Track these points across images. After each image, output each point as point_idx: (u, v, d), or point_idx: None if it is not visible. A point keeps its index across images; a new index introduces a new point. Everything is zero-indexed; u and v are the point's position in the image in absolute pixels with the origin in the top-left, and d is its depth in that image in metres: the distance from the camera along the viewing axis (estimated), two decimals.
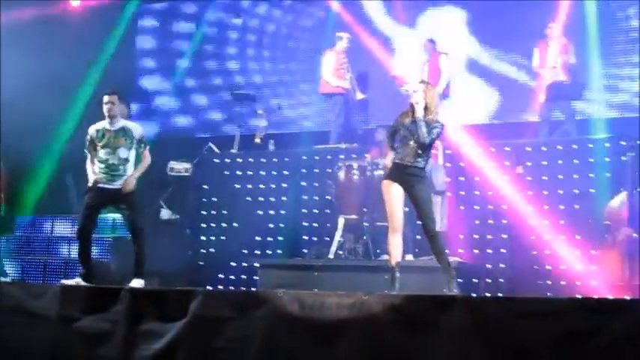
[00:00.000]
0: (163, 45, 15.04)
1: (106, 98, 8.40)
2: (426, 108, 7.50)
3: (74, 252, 9.56)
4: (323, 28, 13.37)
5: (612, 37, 11.91)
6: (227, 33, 14.68)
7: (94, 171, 8.40)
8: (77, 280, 8.26)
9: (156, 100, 14.91)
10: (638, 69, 11.43)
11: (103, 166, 8.35)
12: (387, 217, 7.66)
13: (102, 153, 8.34)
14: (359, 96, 12.27)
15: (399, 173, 7.55)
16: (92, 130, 8.48)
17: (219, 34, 14.73)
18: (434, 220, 7.65)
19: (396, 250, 7.56)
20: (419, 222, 7.80)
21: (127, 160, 8.36)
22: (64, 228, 11.54)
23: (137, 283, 8.04)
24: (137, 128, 8.47)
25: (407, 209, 7.84)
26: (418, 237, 9.99)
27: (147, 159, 8.52)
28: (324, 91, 12.23)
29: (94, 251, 10.81)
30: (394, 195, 7.55)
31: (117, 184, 8.30)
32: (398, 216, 7.54)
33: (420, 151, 7.48)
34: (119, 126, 8.39)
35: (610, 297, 8.07)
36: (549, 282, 9.66)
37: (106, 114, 8.38)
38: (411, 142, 7.49)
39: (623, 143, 9.61)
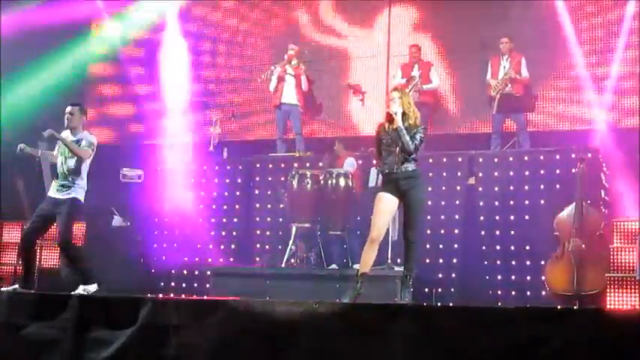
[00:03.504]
0: (118, 53, 14.98)
1: (67, 109, 8.38)
2: (403, 114, 7.49)
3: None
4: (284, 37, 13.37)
5: (564, 50, 12.06)
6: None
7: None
8: (15, 287, 8.17)
9: (110, 106, 14.81)
10: (590, 82, 11.61)
11: (55, 175, 8.32)
12: (339, 226, 7.70)
13: (58, 161, 8.33)
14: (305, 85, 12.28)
15: (391, 182, 7.52)
16: (62, 134, 8.42)
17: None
18: (415, 229, 7.59)
19: (367, 259, 7.48)
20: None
21: (75, 172, 8.27)
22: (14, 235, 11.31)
23: (82, 289, 7.98)
24: (88, 138, 8.36)
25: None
26: None
27: (83, 151, 8.23)
28: (273, 104, 12.31)
29: (44, 258, 10.72)
30: (384, 206, 7.51)
31: (59, 195, 8.23)
32: (380, 227, 7.49)
33: (407, 156, 7.47)
34: (77, 137, 8.33)
35: (559, 307, 8.17)
36: (500, 292, 9.74)
37: (65, 125, 8.36)
38: (397, 150, 7.46)
39: (574, 156, 9.74)
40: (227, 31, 14.24)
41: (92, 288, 8.10)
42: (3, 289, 8.35)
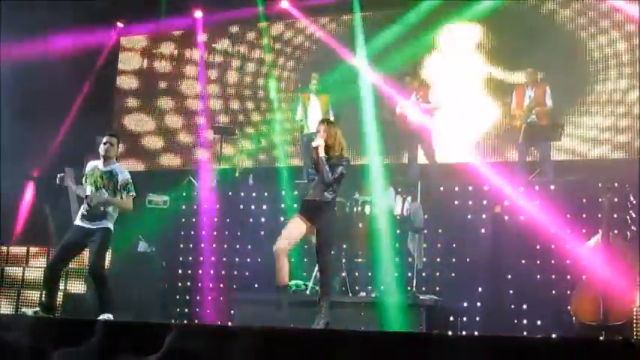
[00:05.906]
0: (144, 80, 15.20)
1: (105, 138, 8.40)
2: (328, 146, 7.85)
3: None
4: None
5: (591, 83, 12.11)
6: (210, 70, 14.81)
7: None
8: (36, 310, 8.22)
9: (138, 135, 14.97)
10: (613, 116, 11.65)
11: (85, 204, 8.33)
12: (364, 254, 7.78)
13: (88, 191, 8.35)
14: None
15: (305, 208, 7.95)
16: (88, 165, 8.52)
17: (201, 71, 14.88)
18: (323, 255, 7.93)
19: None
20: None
21: (108, 203, 8.32)
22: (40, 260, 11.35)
23: (105, 316, 8.01)
24: (124, 175, 8.40)
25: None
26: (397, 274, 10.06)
27: (128, 204, 8.40)
28: (299, 132, 12.40)
29: (70, 283, 10.77)
30: (294, 226, 7.95)
31: (90, 225, 8.26)
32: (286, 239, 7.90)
33: (326, 187, 7.83)
34: (109, 168, 8.38)
35: (585, 337, 8.09)
36: (525, 321, 9.68)
37: (102, 153, 8.37)
38: (317, 179, 7.87)
39: (600, 185, 9.68)
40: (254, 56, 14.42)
41: (110, 315, 8.15)
42: (27, 312, 8.41)
